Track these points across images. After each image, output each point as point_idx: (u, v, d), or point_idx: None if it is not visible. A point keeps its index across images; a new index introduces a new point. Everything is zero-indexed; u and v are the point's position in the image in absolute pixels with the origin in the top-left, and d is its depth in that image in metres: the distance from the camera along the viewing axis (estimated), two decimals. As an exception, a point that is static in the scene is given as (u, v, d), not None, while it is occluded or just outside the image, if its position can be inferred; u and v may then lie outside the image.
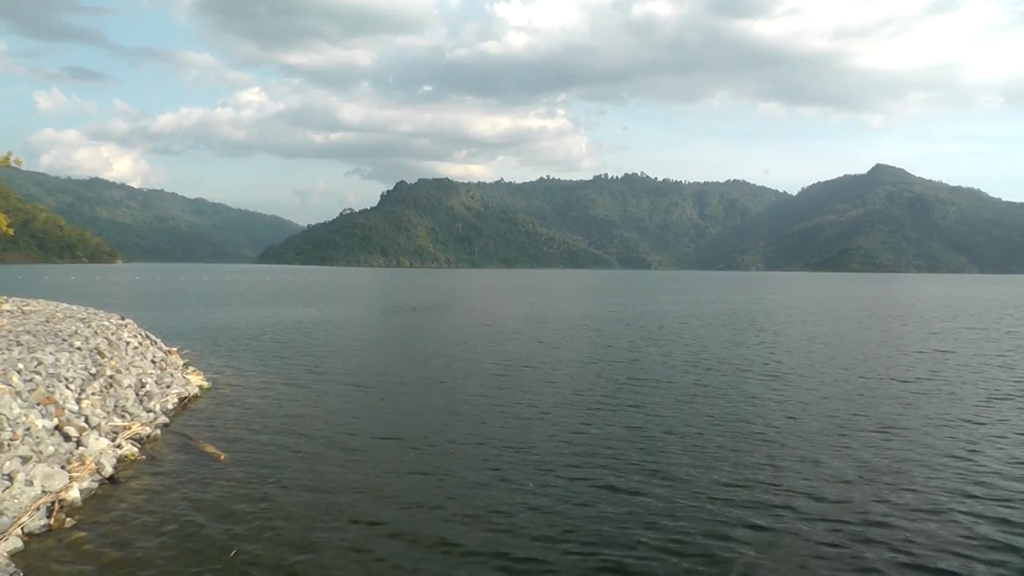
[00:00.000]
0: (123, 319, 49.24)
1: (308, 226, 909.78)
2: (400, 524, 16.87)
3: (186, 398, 30.38)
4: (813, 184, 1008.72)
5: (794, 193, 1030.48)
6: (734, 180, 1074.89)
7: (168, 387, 31.09)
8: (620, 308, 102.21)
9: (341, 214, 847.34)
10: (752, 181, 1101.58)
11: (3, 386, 22.29)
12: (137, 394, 28.70)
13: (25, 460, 18.01)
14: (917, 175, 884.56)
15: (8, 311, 48.80)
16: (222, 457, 21.98)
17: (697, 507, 18.13)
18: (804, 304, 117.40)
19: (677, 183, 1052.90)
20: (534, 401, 31.47)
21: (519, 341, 55.22)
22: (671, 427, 26.70)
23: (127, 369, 31.87)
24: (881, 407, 30.66)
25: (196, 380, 34.19)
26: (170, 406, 28.30)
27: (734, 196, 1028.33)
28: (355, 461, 21.81)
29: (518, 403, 30.97)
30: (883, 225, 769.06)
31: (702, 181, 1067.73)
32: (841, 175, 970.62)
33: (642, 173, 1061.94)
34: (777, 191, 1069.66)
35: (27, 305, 55.61)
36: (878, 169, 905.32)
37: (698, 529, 16.71)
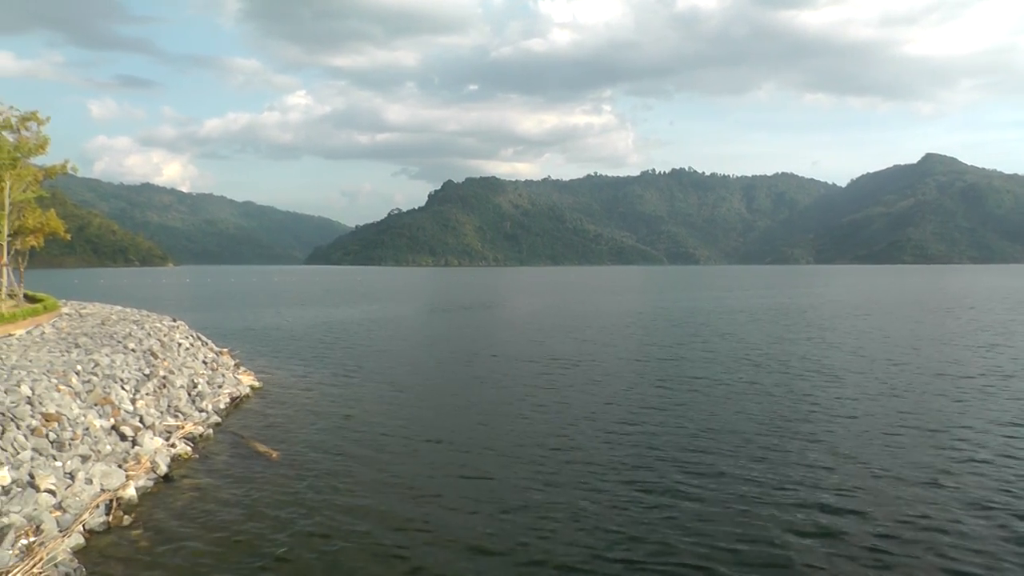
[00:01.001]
0: (175, 321, 50.21)
1: (356, 227, 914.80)
2: (447, 526, 17.00)
3: (238, 398, 30.89)
4: (862, 175, 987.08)
5: (843, 185, 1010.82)
6: (782, 173, 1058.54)
7: (220, 387, 31.64)
8: (668, 305, 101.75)
9: (389, 214, 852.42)
10: (800, 173, 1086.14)
11: (64, 387, 22.91)
12: (189, 394, 29.28)
13: (85, 459, 18.51)
14: (969, 164, 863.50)
15: (67, 314, 50.01)
16: (274, 456, 22.34)
17: (746, 509, 17.93)
18: (853, 298, 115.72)
19: (724, 177, 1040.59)
20: (580, 400, 31.46)
21: (566, 340, 55.24)
22: (719, 427, 26.45)
23: (179, 370, 32.52)
24: (935, 405, 29.82)
25: (247, 380, 34.71)
26: (222, 406, 28.81)
27: (782, 189, 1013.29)
28: (402, 462, 21.99)
29: (564, 403, 30.98)
30: (934, 216, 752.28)
31: (750, 175, 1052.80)
32: (890, 165, 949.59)
33: (689, 168, 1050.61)
34: (825, 183, 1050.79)
35: (84, 308, 56.99)
36: (928, 158, 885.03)
37: (749, 531, 16.52)
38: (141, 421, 23.54)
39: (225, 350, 43.50)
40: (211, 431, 25.19)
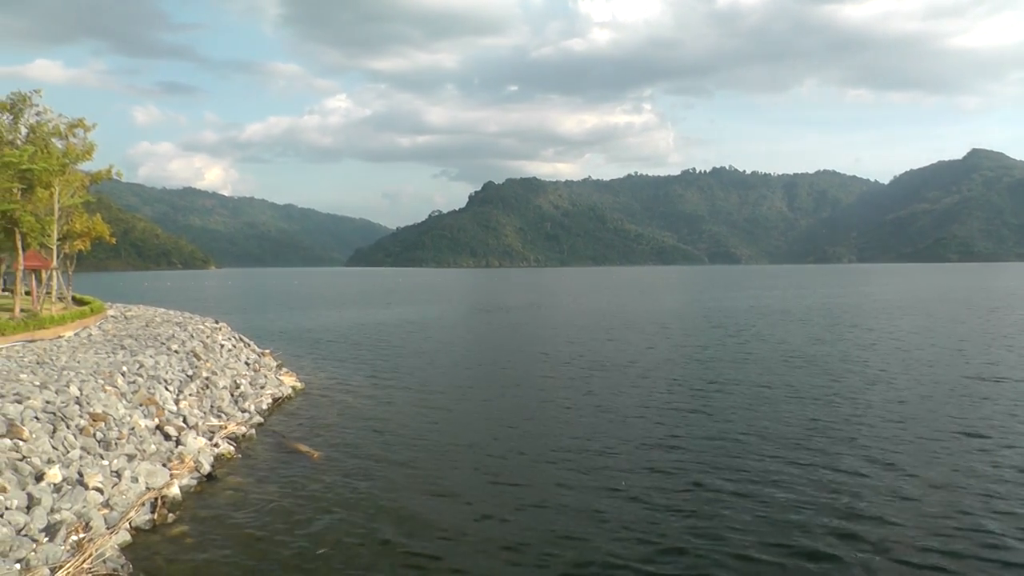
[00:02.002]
0: (217, 323, 50.99)
1: (397, 229, 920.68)
2: (482, 530, 17.08)
3: (280, 398, 31.23)
4: (905, 172, 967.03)
5: (886, 182, 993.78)
6: (824, 170, 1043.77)
7: (262, 388, 32.04)
8: (708, 305, 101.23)
9: (430, 216, 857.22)
10: (842, 171, 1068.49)
11: (110, 388, 23.39)
12: (232, 395, 29.70)
13: (131, 458, 18.87)
14: (1018, 158, 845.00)
15: (112, 316, 50.96)
16: (315, 456, 22.57)
17: (783, 518, 17.70)
18: (896, 297, 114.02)
19: (766, 175, 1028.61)
20: (618, 404, 31.31)
21: (606, 342, 55.13)
22: (758, 432, 26.10)
23: (222, 371, 33.00)
24: (981, 410, 28.71)
25: (289, 381, 35.09)
26: (264, 406, 29.16)
27: (824, 187, 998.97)
28: (440, 465, 22.07)
29: (602, 407, 30.88)
30: (981, 212, 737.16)
31: (791, 172, 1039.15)
32: (935, 161, 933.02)
33: (730, 166, 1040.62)
34: (868, 180, 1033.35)
35: (129, 310, 58.05)
36: (974, 154, 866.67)
37: (788, 541, 16.25)
38: (184, 421, 23.95)
39: (267, 351, 44.03)
40: (253, 431, 25.52)
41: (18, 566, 12.93)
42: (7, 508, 14.29)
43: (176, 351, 34.00)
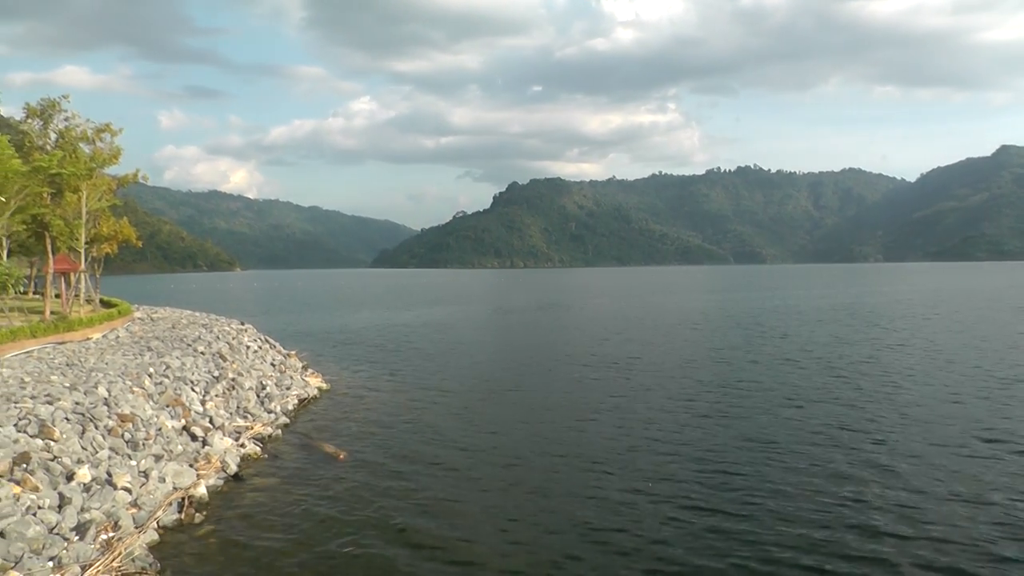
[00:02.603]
0: (243, 324, 51.39)
1: (421, 230, 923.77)
2: (511, 530, 17.14)
3: (306, 399, 31.43)
4: (933, 169, 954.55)
5: (912, 180, 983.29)
6: (849, 169, 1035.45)
7: (288, 389, 32.26)
8: (732, 305, 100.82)
9: (454, 217, 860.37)
10: (868, 169, 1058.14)
11: (137, 389, 23.66)
12: (258, 395, 29.92)
13: (158, 458, 19.09)
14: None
15: (139, 318, 51.49)
16: (341, 457, 22.68)
17: (805, 531, 17.56)
18: (923, 297, 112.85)
19: (791, 174, 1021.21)
20: (641, 407, 31.24)
21: (630, 343, 55.01)
22: (783, 436, 25.97)
23: (248, 372, 33.25)
24: (1007, 414, 28.12)
25: (315, 382, 35.29)
26: (290, 407, 29.36)
27: (849, 185, 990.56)
28: (466, 466, 22.05)
29: (625, 409, 30.90)
30: (1010, 210, 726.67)
31: (816, 171, 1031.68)
32: (963, 159, 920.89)
33: (755, 165, 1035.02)
34: (895, 178, 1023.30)
35: (155, 312, 58.64)
36: (1004, 150, 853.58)
37: (818, 545, 16.16)
38: (211, 422, 24.18)
39: (293, 352, 44.29)
40: (279, 432, 25.70)
41: (51, 563, 13.16)
42: (40, 507, 14.53)
43: (202, 352, 34.31)
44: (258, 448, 23.04)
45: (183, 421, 22.97)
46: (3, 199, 30.97)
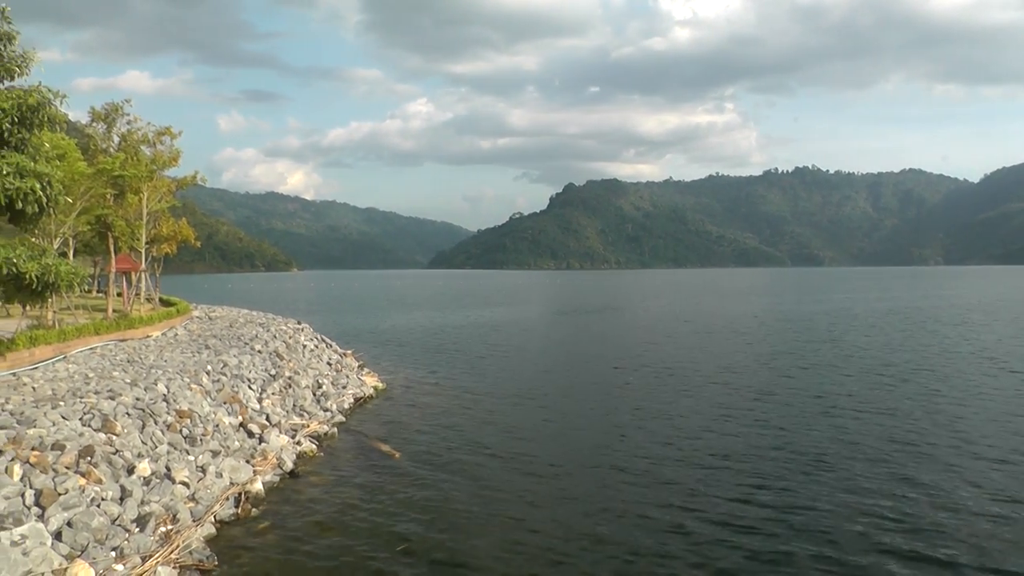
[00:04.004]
0: (299, 324, 51.93)
1: (478, 231, 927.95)
2: (561, 536, 16.99)
3: (361, 398, 31.61)
4: (997, 170, 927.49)
5: (975, 180, 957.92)
6: (909, 169, 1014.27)
7: (344, 387, 32.52)
8: (789, 308, 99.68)
9: (510, 218, 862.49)
10: (929, 169, 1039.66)
11: (195, 386, 24.00)
12: (314, 394, 30.20)
13: (215, 454, 19.34)
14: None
15: (197, 317, 52.38)
16: (396, 456, 22.74)
17: (851, 547, 17.15)
18: (987, 301, 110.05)
19: (849, 175, 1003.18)
20: (692, 414, 30.94)
21: (688, 348, 54.46)
22: (832, 449, 25.58)
23: (304, 371, 33.58)
24: None
25: (371, 381, 35.50)
26: (346, 405, 29.57)
27: (909, 186, 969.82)
28: (521, 468, 21.86)
29: (679, 415, 30.60)
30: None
31: (875, 172, 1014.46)
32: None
33: (813, 166, 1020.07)
34: (956, 179, 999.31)
35: (213, 312, 59.58)
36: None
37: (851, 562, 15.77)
38: (267, 419, 24.43)
39: (349, 352, 44.65)
40: (335, 430, 25.87)
41: (113, 553, 13.45)
42: (103, 499, 14.80)
43: (259, 351, 34.72)
44: (314, 446, 23.20)
45: (240, 418, 23.24)
46: (70, 200, 31.71)
